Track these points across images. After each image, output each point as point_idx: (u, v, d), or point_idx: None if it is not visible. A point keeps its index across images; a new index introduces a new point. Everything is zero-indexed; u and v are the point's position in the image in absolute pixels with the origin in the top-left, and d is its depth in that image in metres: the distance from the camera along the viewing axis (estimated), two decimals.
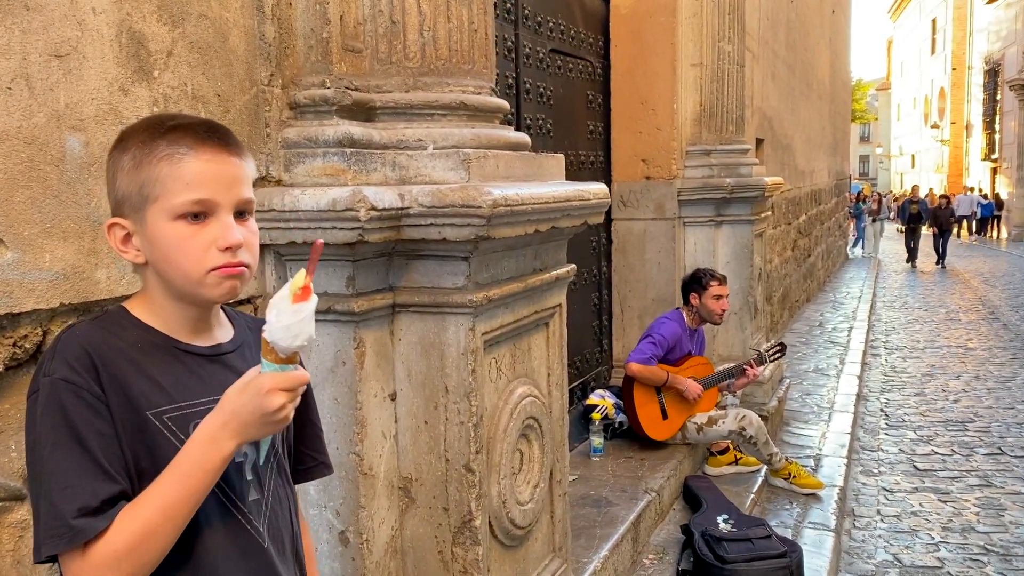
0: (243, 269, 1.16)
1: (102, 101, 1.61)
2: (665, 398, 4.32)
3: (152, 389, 1.13)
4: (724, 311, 4.52)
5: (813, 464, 5.14)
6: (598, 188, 2.44)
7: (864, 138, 54.23)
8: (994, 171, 29.37)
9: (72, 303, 1.55)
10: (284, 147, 2.06)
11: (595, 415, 4.28)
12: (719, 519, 3.71)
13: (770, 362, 4.90)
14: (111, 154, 1.17)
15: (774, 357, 4.90)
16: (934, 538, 4.41)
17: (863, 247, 21.42)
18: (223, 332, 1.25)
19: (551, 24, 4.25)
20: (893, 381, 7.96)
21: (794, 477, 4.57)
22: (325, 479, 2.02)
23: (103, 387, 1.09)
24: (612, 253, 5.14)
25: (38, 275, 1.49)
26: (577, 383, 4.58)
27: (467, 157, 2.02)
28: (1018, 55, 25.93)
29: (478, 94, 2.22)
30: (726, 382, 4.58)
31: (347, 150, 2.01)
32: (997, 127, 28.51)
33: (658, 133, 5.07)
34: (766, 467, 4.60)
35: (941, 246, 18.67)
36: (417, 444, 2.11)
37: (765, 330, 5.95)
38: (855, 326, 10.13)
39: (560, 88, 4.36)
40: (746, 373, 4.54)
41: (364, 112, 2.12)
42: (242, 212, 1.17)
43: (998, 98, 28.37)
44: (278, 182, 2.06)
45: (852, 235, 21.56)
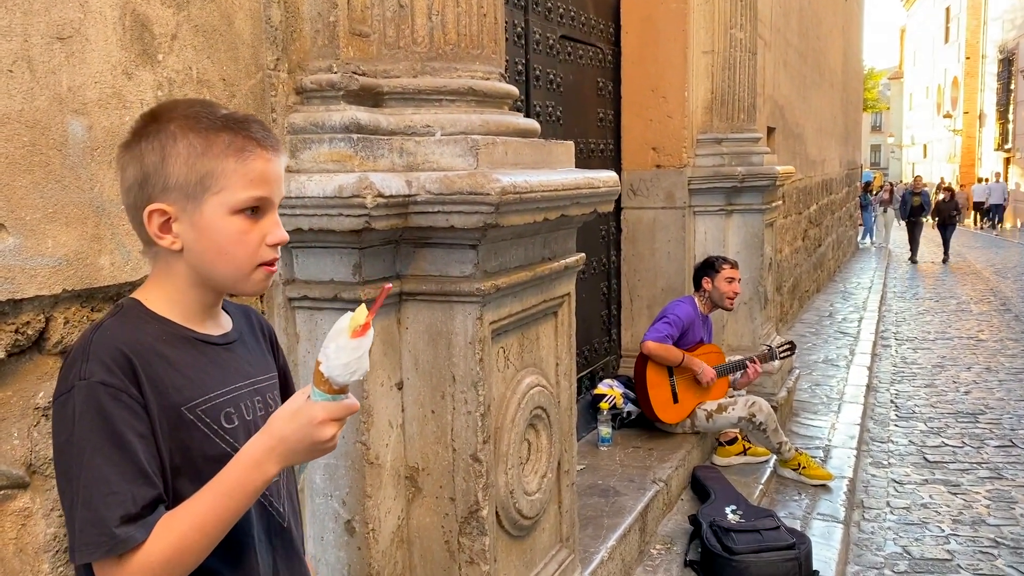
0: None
1: (105, 85, 1.58)
2: (677, 381, 4.30)
3: (183, 382, 1.15)
4: (736, 295, 4.52)
5: (822, 455, 5.11)
6: (608, 176, 2.41)
7: (876, 127, 53.88)
8: (1007, 161, 29.14)
9: (75, 289, 1.53)
10: (290, 133, 2.04)
11: (603, 404, 4.26)
12: (727, 510, 3.69)
13: (779, 359, 4.87)
14: (146, 133, 1.15)
15: (784, 355, 4.88)
16: (944, 530, 4.38)
17: (871, 238, 21.20)
18: (224, 319, 1.28)
19: (561, 10, 4.20)
20: (903, 372, 7.91)
21: (803, 468, 4.55)
22: (332, 467, 2.01)
23: (140, 387, 1.09)
24: (621, 242, 5.10)
25: (40, 261, 1.47)
26: (585, 372, 4.56)
27: (475, 143, 1.99)
28: None
29: (487, 80, 2.19)
30: (737, 373, 4.55)
31: (354, 136, 1.98)
32: (1011, 117, 28.26)
33: (669, 121, 5.02)
34: (775, 458, 4.58)
35: (945, 241, 17.76)
36: (424, 433, 2.10)
37: (775, 320, 5.92)
38: (865, 316, 10.07)
39: (570, 75, 4.32)
40: (747, 371, 4.50)
41: (371, 97, 2.09)
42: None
43: (1012, 87, 28.11)
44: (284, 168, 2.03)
45: (860, 225, 21.30)
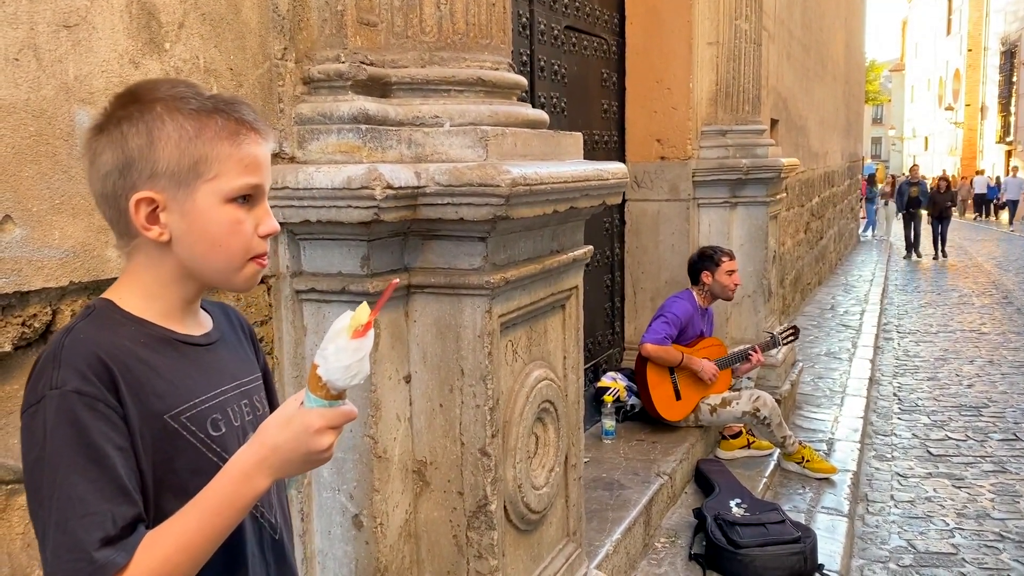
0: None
1: (112, 74, 1.56)
2: (679, 378, 4.29)
3: (165, 388, 1.06)
4: (737, 285, 4.50)
5: (826, 448, 5.10)
6: (617, 167, 2.39)
7: (877, 120, 53.77)
8: (1008, 154, 29.10)
9: (82, 281, 1.51)
10: (298, 123, 2.01)
11: (607, 398, 4.25)
12: (732, 503, 3.68)
13: (783, 345, 4.86)
14: (129, 114, 1.05)
15: (787, 340, 4.86)
16: (948, 524, 4.37)
17: (873, 230, 21.11)
18: (204, 318, 1.20)
19: (566, 1, 4.17)
20: (906, 365, 7.90)
21: (807, 461, 4.54)
22: (339, 461, 2.00)
23: (119, 395, 1.01)
24: (625, 234, 5.08)
25: (47, 253, 1.45)
26: (589, 365, 4.54)
27: (485, 135, 1.97)
28: None
29: (496, 70, 2.17)
30: (739, 363, 4.54)
31: (362, 126, 1.96)
32: (1013, 109, 28.21)
33: (673, 113, 4.99)
34: (779, 451, 4.57)
35: (940, 234, 16.59)
36: (432, 427, 2.08)
37: (778, 313, 5.90)
38: (867, 309, 10.05)
39: (575, 66, 4.29)
40: (750, 358, 4.48)
41: (379, 88, 2.07)
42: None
43: (1014, 80, 28.06)
44: (292, 159, 2.02)
45: (863, 218, 21.17)
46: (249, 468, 1.01)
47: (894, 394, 6.90)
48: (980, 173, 29.46)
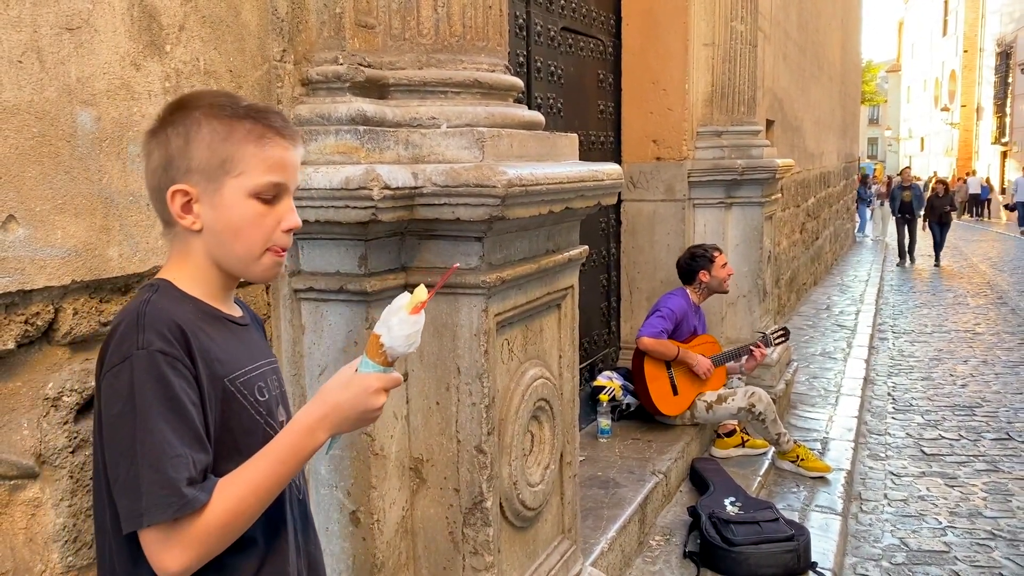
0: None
1: (114, 76, 1.58)
2: (675, 373, 4.32)
3: (224, 356, 1.20)
4: (731, 275, 4.60)
5: (820, 447, 5.13)
6: (612, 169, 2.41)
7: (873, 120, 53.91)
8: (1004, 155, 29.18)
9: (84, 280, 1.53)
10: (296, 124, 2.03)
11: (603, 396, 4.27)
12: (726, 501, 3.71)
13: (775, 345, 4.90)
14: (172, 119, 1.21)
15: (778, 340, 4.90)
16: (941, 523, 4.40)
17: (864, 232, 21.04)
18: (234, 303, 1.34)
19: (562, 2, 4.19)
20: (900, 365, 7.94)
21: (801, 460, 4.57)
22: (337, 458, 2.02)
23: (192, 358, 1.14)
24: (621, 234, 5.11)
25: (50, 252, 1.47)
26: (585, 364, 4.57)
27: (481, 136, 2.00)
28: None
29: (492, 72, 2.19)
30: (734, 363, 4.58)
31: (360, 128, 1.98)
32: (1008, 110, 28.28)
33: (669, 113, 5.02)
34: (773, 449, 4.60)
35: (939, 241, 15.58)
36: (428, 425, 2.10)
37: (773, 313, 5.93)
38: (862, 309, 10.09)
39: (571, 67, 4.32)
40: (754, 354, 4.54)
41: (377, 89, 2.09)
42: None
43: (1009, 81, 28.13)
44: None
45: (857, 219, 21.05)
46: (313, 423, 1.16)
47: (888, 394, 6.94)
48: (972, 174, 29.56)
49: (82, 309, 1.55)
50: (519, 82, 2.31)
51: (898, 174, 21.06)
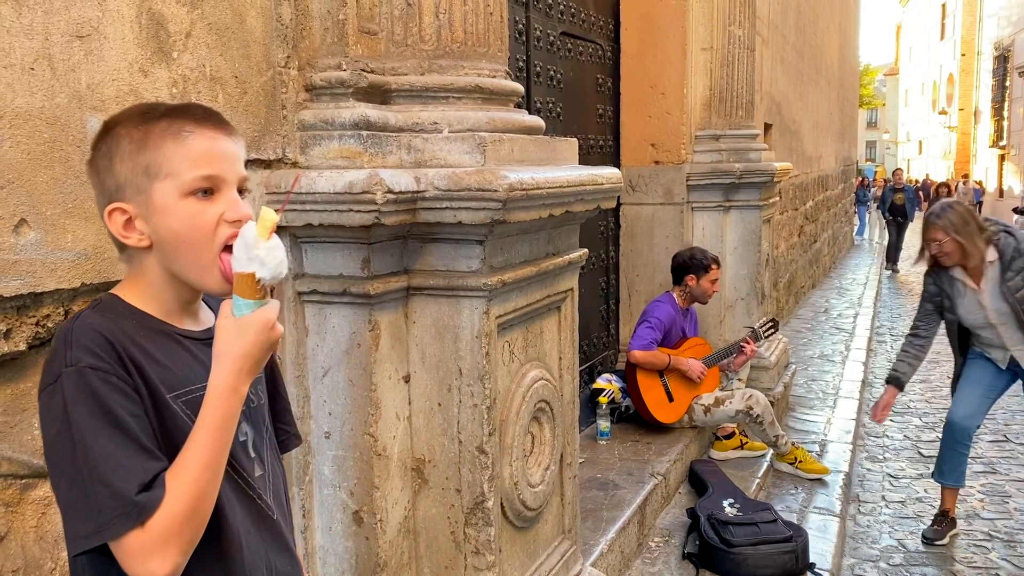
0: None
1: (123, 82, 1.61)
2: (669, 380, 4.34)
3: (164, 373, 1.14)
4: (716, 291, 4.63)
5: (818, 450, 5.16)
6: (611, 173, 2.44)
7: (871, 124, 54.01)
8: (1002, 158, 29.23)
9: (93, 283, 1.56)
10: (300, 129, 2.07)
11: (602, 399, 4.30)
12: (725, 503, 3.74)
13: (764, 338, 4.93)
14: (99, 145, 1.17)
15: (768, 333, 4.93)
16: None
17: (863, 234, 21.03)
18: (206, 315, 1.27)
19: (562, 7, 4.23)
20: None
21: (800, 462, 4.60)
22: (340, 459, 2.05)
23: (127, 370, 1.09)
24: (620, 238, 5.14)
25: (60, 255, 1.50)
26: (584, 367, 4.60)
27: (483, 140, 2.03)
28: None
29: (493, 77, 2.22)
30: (726, 360, 4.61)
31: (363, 133, 2.01)
32: (1006, 114, 28.32)
33: (667, 117, 5.05)
34: (771, 452, 4.63)
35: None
36: (431, 426, 2.13)
37: (771, 316, 5.96)
38: (860, 312, 10.11)
39: (570, 71, 4.35)
40: (744, 350, 4.58)
41: (380, 95, 2.12)
42: (240, 190, 1.19)
43: (1007, 84, 28.17)
44: (294, 164, 2.07)
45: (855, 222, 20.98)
46: (232, 381, 1.10)
47: None
48: (965, 177, 29.64)
49: None
50: (519, 87, 2.34)
51: (890, 176, 20.95)
